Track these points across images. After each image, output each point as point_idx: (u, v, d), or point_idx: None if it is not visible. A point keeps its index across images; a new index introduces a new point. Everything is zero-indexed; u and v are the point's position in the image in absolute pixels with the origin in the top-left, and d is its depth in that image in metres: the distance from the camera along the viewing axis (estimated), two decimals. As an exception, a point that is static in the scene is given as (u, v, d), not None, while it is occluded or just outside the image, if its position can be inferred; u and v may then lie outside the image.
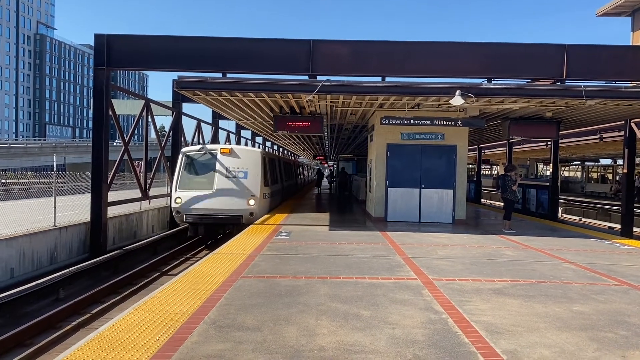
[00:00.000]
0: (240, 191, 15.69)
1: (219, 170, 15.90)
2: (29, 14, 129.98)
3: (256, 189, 15.86)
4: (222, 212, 15.58)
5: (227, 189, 15.68)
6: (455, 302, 6.15)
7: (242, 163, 16.02)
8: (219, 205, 15.58)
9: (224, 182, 15.77)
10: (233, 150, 16.42)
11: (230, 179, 15.81)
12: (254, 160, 16.28)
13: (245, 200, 15.63)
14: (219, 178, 15.81)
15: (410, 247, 10.40)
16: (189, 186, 15.85)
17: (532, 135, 15.59)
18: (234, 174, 15.85)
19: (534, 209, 19.95)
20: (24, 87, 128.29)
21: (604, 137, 27.19)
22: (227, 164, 15.97)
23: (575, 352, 4.57)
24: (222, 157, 16.08)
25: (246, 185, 15.79)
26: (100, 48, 13.24)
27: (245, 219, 15.53)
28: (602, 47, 13.27)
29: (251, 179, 15.90)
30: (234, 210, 15.60)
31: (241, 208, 15.62)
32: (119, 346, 4.46)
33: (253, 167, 16.07)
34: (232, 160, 16.02)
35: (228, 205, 15.57)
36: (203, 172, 16.12)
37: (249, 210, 15.62)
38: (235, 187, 15.71)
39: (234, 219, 15.70)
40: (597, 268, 8.63)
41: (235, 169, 15.89)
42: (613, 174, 43.32)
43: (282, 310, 5.65)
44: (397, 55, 13.06)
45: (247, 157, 16.35)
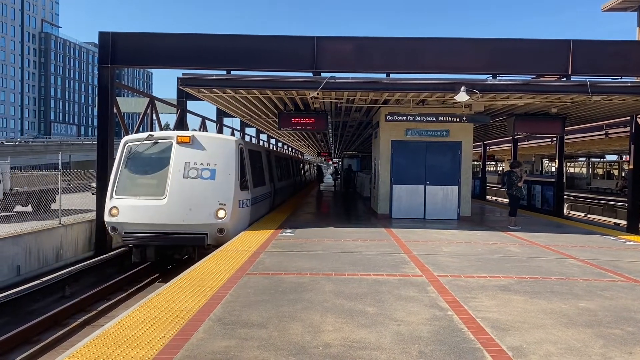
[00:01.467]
0: (205, 198, 11.22)
1: (174, 167, 11.38)
2: (34, 12, 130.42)
3: (228, 194, 11.34)
4: (176, 228, 11.10)
5: (185, 195, 11.17)
6: (461, 299, 6.14)
7: (208, 157, 11.56)
8: (173, 219, 11.04)
9: (181, 185, 11.24)
10: (195, 138, 11.74)
11: (191, 180, 11.29)
12: (226, 153, 11.72)
13: (211, 211, 11.17)
14: (173, 179, 11.27)
15: (415, 243, 10.38)
16: (131, 191, 11.42)
17: (538, 131, 15.52)
18: (197, 172, 11.36)
19: (540, 206, 19.90)
20: (29, 85, 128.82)
21: (609, 133, 27.04)
22: (187, 158, 11.49)
23: (581, 349, 4.56)
24: (180, 148, 11.59)
25: (214, 188, 11.31)
26: (104, 46, 13.29)
27: (211, 238, 11.23)
28: (608, 43, 13.22)
29: (222, 179, 11.41)
30: (194, 227, 11.12)
31: (205, 223, 11.13)
32: (124, 343, 4.48)
33: (225, 163, 11.56)
34: (194, 152, 11.55)
35: (186, 218, 11.06)
36: (151, 171, 11.71)
37: (218, 226, 11.17)
38: (197, 193, 11.22)
39: (195, 238, 11.21)
40: (603, 264, 8.59)
41: (199, 165, 11.42)
42: (619, 170, 43.11)
43: (287, 307, 5.65)
44: (402, 52, 13.05)
45: (217, 148, 11.76)
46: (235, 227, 11.61)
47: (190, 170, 11.37)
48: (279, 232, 11.51)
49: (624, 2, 21.00)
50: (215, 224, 11.18)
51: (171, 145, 11.70)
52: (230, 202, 11.33)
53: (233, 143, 12.07)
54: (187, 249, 11.85)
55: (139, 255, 11.81)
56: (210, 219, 11.16)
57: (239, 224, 11.86)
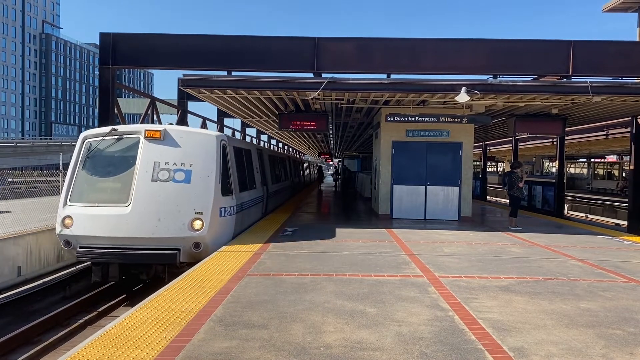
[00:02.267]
0: (178, 205, 9.31)
1: (141, 168, 9.55)
2: (35, 13, 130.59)
3: (207, 201, 9.48)
4: (142, 243, 9.17)
5: (153, 202, 9.27)
6: (462, 299, 6.14)
7: (183, 155, 9.74)
8: (138, 231, 9.12)
9: (149, 190, 9.36)
10: (167, 133, 9.86)
11: (161, 183, 9.42)
12: (205, 151, 9.94)
13: (185, 222, 9.25)
14: (139, 182, 9.40)
15: (416, 244, 10.38)
16: (88, 197, 9.56)
17: (538, 131, 15.51)
18: (169, 174, 9.49)
19: (540, 206, 19.89)
20: (30, 86, 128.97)
21: (610, 134, 27.04)
22: (157, 157, 9.65)
23: (582, 350, 4.56)
24: (149, 145, 9.75)
25: (189, 194, 9.44)
26: (105, 47, 13.29)
27: (185, 254, 9.37)
28: (609, 43, 13.21)
29: (199, 182, 9.57)
30: (164, 240, 9.20)
31: (178, 236, 9.20)
32: (126, 343, 4.48)
33: (203, 163, 9.78)
34: (165, 150, 9.72)
35: (154, 230, 9.12)
36: (113, 172, 9.81)
37: (193, 239, 9.25)
38: (168, 199, 9.32)
39: (164, 255, 9.25)
40: (604, 265, 8.59)
41: (171, 165, 9.60)
42: (619, 170, 43.10)
43: (289, 307, 5.65)
44: (403, 52, 13.05)
45: (193, 145, 9.95)
46: (215, 240, 9.72)
47: (161, 172, 9.51)
48: (279, 233, 11.50)
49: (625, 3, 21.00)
50: (190, 237, 9.25)
51: (138, 141, 9.83)
52: (209, 210, 9.43)
53: (213, 139, 10.20)
54: (156, 268, 9.74)
55: (100, 273, 9.64)
56: (183, 231, 9.22)
57: (220, 236, 9.96)
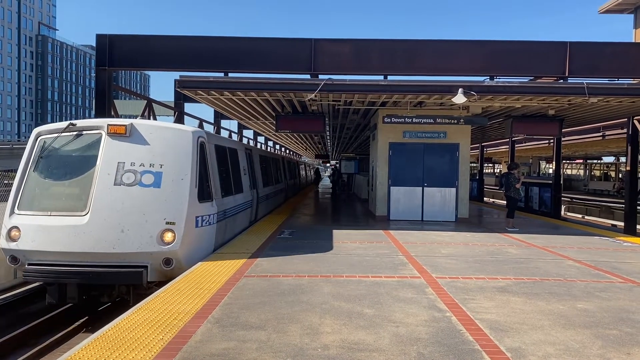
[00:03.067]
0: (145, 214, 7.85)
1: (102, 169, 8.08)
2: (31, 15, 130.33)
3: (180, 208, 8.02)
4: (102, 259, 7.70)
5: (115, 210, 7.79)
6: (459, 300, 6.14)
7: (153, 154, 8.27)
8: (97, 246, 7.64)
9: (111, 196, 7.90)
10: (135, 128, 8.41)
11: (126, 187, 7.97)
12: (178, 150, 8.45)
13: (154, 234, 7.79)
14: (100, 187, 7.94)
15: (413, 245, 10.38)
16: (40, 204, 8.11)
17: (535, 133, 15.56)
18: (135, 177, 8.05)
19: (537, 207, 19.92)
20: (26, 88, 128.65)
21: (606, 135, 27.15)
22: (122, 157, 8.20)
23: (580, 350, 4.56)
24: (112, 142, 8.29)
25: (159, 200, 7.99)
26: (102, 48, 13.26)
27: (154, 272, 7.86)
28: (605, 44, 13.25)
29: (171, 186, 8.11)
30: (128, 256, 7.74)
31: (144, 250, 7.74)
32: (122, 345, 4.46)
33: (176, 163, 8.30)
34: (131, 148, 8.27)
35: (116, 244, 7.66)
36: (69, 175, 8.28)
37: (164, 255, 7.81)
38: (133, 206, 7.86)
39: (128, 274, 7.73)
40: (600, 265, 8.60)
41: (138, 166, 8.14)
42: (616, 171, 43.23)
43: (286, 309, 5.64)
44: (399, 54, 13.05)
45: (165, 142, 8.46)
46: (191, 254, 8.23)
47: (126, 174, 8.04)
48: (276, 234, 11.49)
49: (621, 4, 21.06)
50: (160, 253, 7.77)
51: (100, 138, 8.35)
52: (183, 220, 7.96)
53: (189, 135, 8.67)
54: (119, 289, 8.32)
55: (57, 294, 8.05)
56: (151, 244, 7.74)
57: (197, 250, 8.46)
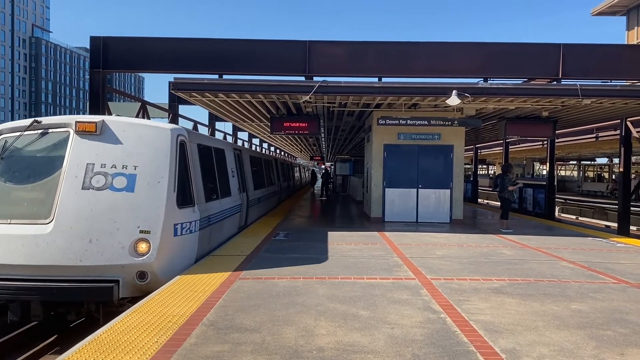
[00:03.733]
0: (117, 222, 6.99)
1: (69, 172, 7.22)
2: (24, 17, 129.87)
3: (156, 215, 7.19)
4: (68, 273, 6.79)
5: (83, 218, 6.93)
6: (454, 302, 6.15)
7: (126, 155, 7.43)
8: (62, 258, 6.75)
9: (79, 201, 7.02)
10: (106, 126, 7.58)
11: (95, 192, 7.11)
12: (155, 150, 7.62)
13: (126, 244, 6.93)
14: (66, 191, 7.07)
15: (408, 247, 10.39)
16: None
17: (529, 134, 15.61)
18: (106, 180, 7.20)
19: (531, 208, 19.98)
20: (19, 90, 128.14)
21: (600, 136, 27.26)
22: (91, 158, 7.35)
23: (574, 351, 4.58)
24: (81, 141, 7.44)
25: (132, 206, 7.13)
26: (96, 50, 13.22)
27: (127, 287, 6.96)
28: (598, 46, 13.33)
29: (146, 191, 7.27)
30: (97, 270, 6.83)
31: (115, 263, 6.85)
32: (117, 348, 4.44)
33: (152, 165, 7.48)
34: (102, 148, 7.43)
35: (83, 256, 6.77)
36: (33, 178, 7.36)
37: (137, 268, 6.95)
38: (103, 213, 7.00)
39: (97, 290, 6.77)
40: (594, 266, 8.64)
41: (110, 168, 7.28)
42: (609, 172, 43.44)
43: (281, 311, 5.64)
44: (394, 56, 13.08)
45: (140, 141, 7.62)
46: (168, 267, 7.33)
47: (95, 177, 7.18)
48: (271, 237, 11.47)
49: (613, 7, 21.24)
50: (133, 265, 6.90)
51: (68, 136, 7.50)
52: (159, 228, 7.11)
53: (167, 133, 7.81)
54: (88, 306, 7.19)
55: (19, 311, 7.11)
56: (123, 256, 6.87)
57: (175, 262, 7.57)
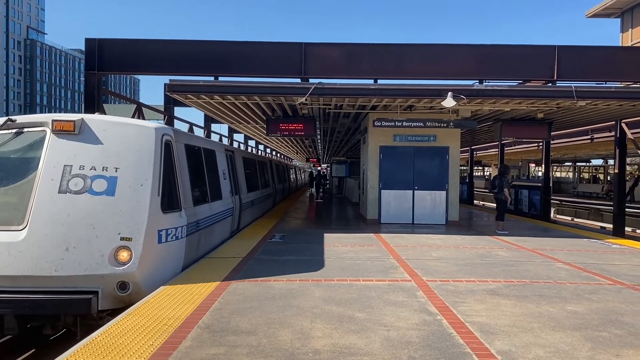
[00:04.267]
0: (96, 228, 6.50)
1: (44, 174, 6.73)
2: (19, 19, 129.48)
3: (138, 221, 6.70)
4: (42, 284, 6.27)
5: (59, 224, 6.43)
6: (450, 303, 6.15)
7: (106, 156, 6.96)
8: (35, 267, 6.23)
9: (55, 206, 6.54)
10: (86, 125, 7.11)
11: (73, 196, 6.62)
12: (137, 150, 7.14)
13: (106, 252, 6.43)
14: (41, 195, 6.58)
15: (404, 248, 10.40)
16: None
17: (524, 136, 15.65)
18: (84, 183, 6.72)
19: (527, 210, 20.02)
20: (14, 93, 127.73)
21: (595, 138, 27.32)
22: (69, 159, 6.86)
23: (569, 352, 4.58)
24: (58, 141, 6.96)
25: (113, 210, 6.64)
26: (91, 52, 13.17)
27: (107, 298, 6.45)
28: (592, 48, 13.37)
29: (128, 195, 6.80)
30: (73, 280, 6.31)
31: (94, 273, 6.33)
32: (112, 351, 4.42)
33: (135, 167, 7.02)
34: (81, 149, 6.95)
35: (58, 266, 6.27)
36: (5, 181, 6.90)
37: (118, 278, 6.44)
38: (81, 219, 6.50)
39: (73, 302, 6.23)
40: (590, 268, 8.66)
41: (89, 170, 6.81)
42: (604, 174, 43.60)
43: (276, 313, 5.63)
44: (390, 58, 13.09)
45: (121, 141, 7.13)
46: (151, 276, 6.83)
47: (73, 180, 6.70)
48: (267, 238, 11.46)
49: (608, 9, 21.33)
50: (113, 275, 6.40)
51: (44, 136, 7.01)
52: (141, 234, 6.64)
53: (150, 132, 7.33)
54: (65, 319, 6.59)
55: None
56: (102, 265, 6.37)
57: (160, 271, 7.07)
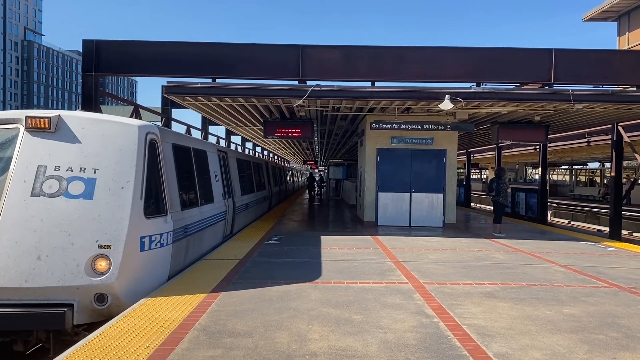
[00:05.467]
0: (71, 235, 5.96)
1: (16, 175, 6.20)
2: (17, 20, 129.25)
3: (118, 227, 6.14)
4: (12, 296, 5.69)
5: (31, 230, 5.90)
6: (447, 306, 6.15)
7: (84, 156, 6.41)
8: (4, 279, 5.67)
9: (27, 210, 6.01)
10: (62, 122, 6.56)
11: (47, 199, 6.09)
12: (118, 150, 6.58)
13: (82, 261, 5.87)
14: (13, 198, 6.05)
15: (401, 251, 10.40)
16: None
17: (521, 139, 15.68)
18: (59, 185, 6.18)
19: (523, 213, 20.05)
20: (11, 94, 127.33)
21: (592, 141, 27.39)
22: (43, 159, 6.32)
23: (566, 355, 4.58)
24: (33, 140, 6.42)
25: (91, 216, 6.09)
26: (88, 54, 13.16)
27: (83, 312, 5.86)
28: (589, 52, 13.41)
29: (107, 198, 6.24)
30: (46, 292, 5.75)
31: (68, 284, 5.77)
32: (108, 354, 4.41)
33: (115, 168, 6.45)
34: (57, 148, 6.41)
35: (29, 276, 5.71)
36: None
37: (96, 289, 5.88)
38: (55, 224, 5.97)
39: (45, 317, 5.63)
40: (586, 270, 8.68)
41: (65, 171, 6.27)
42: (601, 177, 43.71)
43: (273, 315, 5.62)
44: (387, 60, 13.11)
45: (101, 140, 6.56)
46: (133, 287, 6.27)
47: (47, 182, 6.18)
48: (264, 241, 11.44)
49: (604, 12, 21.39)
50: (89, 286, 5.84)
51: (17, 134, 6.46)
52: (121, 242, 6.07)
53: (133, 130, 6.78)
54: (37, 335, 5.97)
55: None
56: (78, 276, 5.81)
57: (142, 281, 6.51)
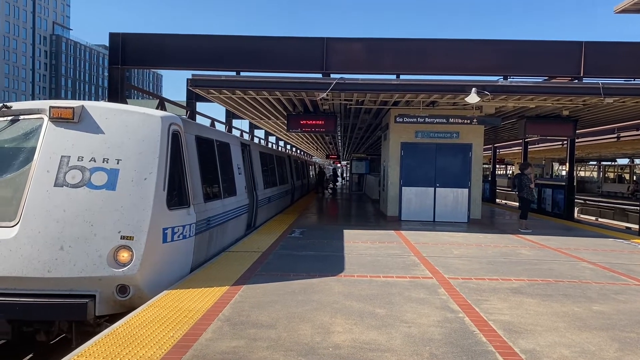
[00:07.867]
0: (94, 225, 5.93)
1: (40, 165, 6.15)
2: (45, 14, 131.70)
3: (141, 218, 6.12)
4: (33, 286, 5.72)
5: (54, 220, 5.87)
6: (472, 301, 6.07)
7: (107, 147, 6.35)
8: (27, 268, 5.67)
9: (50, 201, 5.97)
10: (86, 113, 6.51)
11: (70, 190, 6.04)
12: (141, 141, 6.52)
13: (104, 252, 5.86)
14: (36, 189, 6.01)
15: (425, 246, 10.30)
16: None
17: (549, 133, 15.41)
18: (82, 176, 6.13)
19: (550, 209, 19.70)
20: (40, 87, 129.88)
21: (621, 136, 26.80)
22: (67, 150, 6.26)
23: (596, 352, 4.47)
24: (56, 130, 6.37)
25: (113, 207, 6.06)
26: (115, 47, 13.31)
27: (105, 303, 5.90)
28: (620, 44, 13.07)
29: (130, 189, 6.20)
30: (68, 283, 5.77)
31: (91, 275, 5.77)
32: (133, 342, 4.45)
33: (138, 159, 6.40)
34: (80, 139, 6.35)
35: (52, 266, 5.71)
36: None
37: (118, 280, 5.89)
38: (78, 215, 5.93)
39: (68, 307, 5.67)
40: (616, 268, 8.48)
41: (88, 162, 6.21)
42: (630, 173, 42.73)
43: (296, 307, 5.61)
44: (412, 53, 12.98)
45: (124, 131, 6.51)
46: (155, 279, 6.27)
47: (71, 172, 6.13)
48: (287, 234, 11.46)
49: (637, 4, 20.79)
50: (112, 277, 5.85)
51: (41, 125, 6.43)
52: (144, 233, 6.06)
53: (157, 121, 6.73)
54: (59, 325, 6.00)
55: None
56: (100, 267, 5.82)
57: (165, 273, 6.51)
